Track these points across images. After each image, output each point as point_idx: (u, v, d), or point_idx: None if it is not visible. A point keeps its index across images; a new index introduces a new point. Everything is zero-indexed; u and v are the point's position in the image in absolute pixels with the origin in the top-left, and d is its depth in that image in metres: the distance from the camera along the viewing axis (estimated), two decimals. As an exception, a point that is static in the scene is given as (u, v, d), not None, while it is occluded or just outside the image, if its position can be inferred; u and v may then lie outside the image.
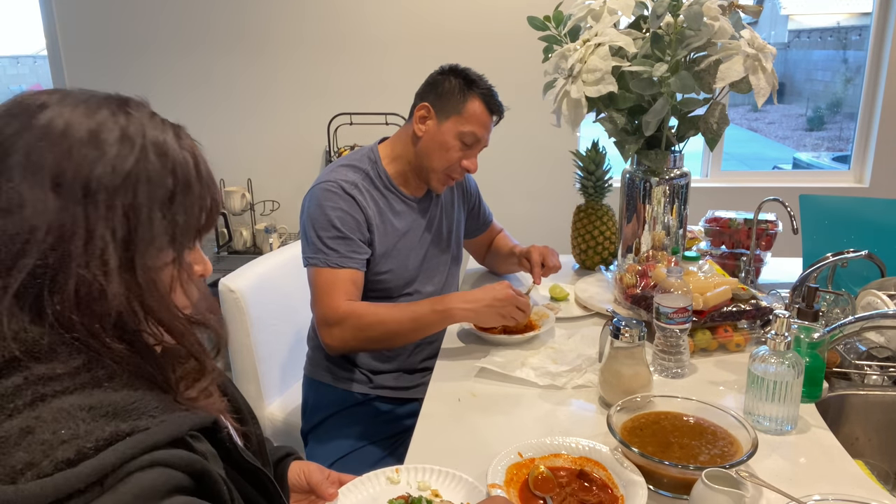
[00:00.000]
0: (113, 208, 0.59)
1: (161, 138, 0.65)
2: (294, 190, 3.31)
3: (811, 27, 6.52)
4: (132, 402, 0.58)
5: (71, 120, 0.60)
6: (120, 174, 0.60)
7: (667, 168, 1.58)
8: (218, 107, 3.24)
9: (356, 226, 1.49)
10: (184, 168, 0.65)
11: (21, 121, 0.60)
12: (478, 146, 1.56)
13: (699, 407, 1.05)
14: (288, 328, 1.86)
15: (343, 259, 1.46)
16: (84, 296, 0.58)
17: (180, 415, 0.60)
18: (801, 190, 2.16)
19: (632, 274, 1.49)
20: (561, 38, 1.60)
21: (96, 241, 0.59)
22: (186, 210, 0.65)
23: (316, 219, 1.48)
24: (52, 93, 0.63)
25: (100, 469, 0.52)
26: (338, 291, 1.43)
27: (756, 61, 1.40)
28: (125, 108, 0.64)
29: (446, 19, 3.08)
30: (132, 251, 0.61)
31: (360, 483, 0.98)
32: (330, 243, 1.46)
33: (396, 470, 0.98)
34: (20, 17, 3.82)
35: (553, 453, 1.00)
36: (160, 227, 0.62)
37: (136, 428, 0.56)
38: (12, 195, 0.57)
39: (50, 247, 0.57)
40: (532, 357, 1.36)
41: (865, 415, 1.22)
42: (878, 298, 1.30)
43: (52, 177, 0.58)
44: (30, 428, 0.53)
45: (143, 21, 3.18)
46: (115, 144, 0.61)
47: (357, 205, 1.50)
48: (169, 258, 0.64)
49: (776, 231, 1.77)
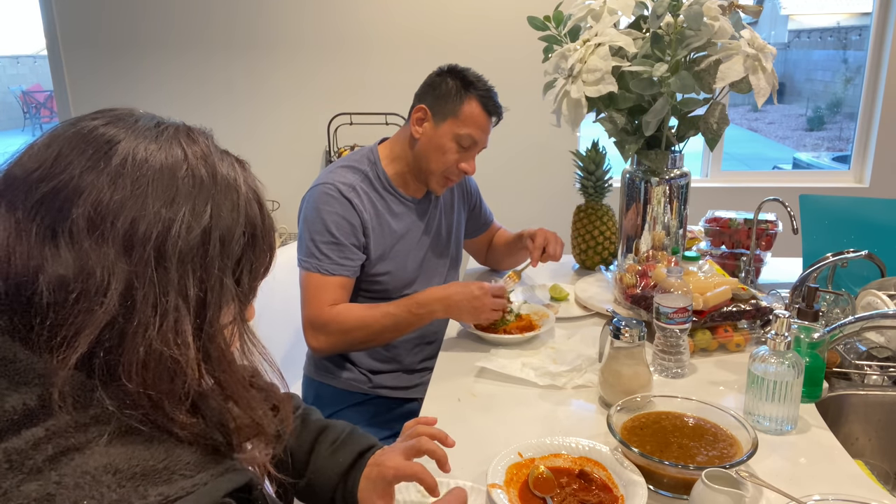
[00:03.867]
0: (186, 272, 0.54)
1: (233, 182, 0.59)
2: (294, 190, 3.31)
3: (811, 27, 6.52)
4: (162, 458, 0.52)
5: (147, 157, 0.54)
6: (196, 234, 0.54)
7: (667, 168, 1.58)
8: (218, 107, 3.24)
9: (351, 231, 1.49)
10: (252, 219, 0.60)
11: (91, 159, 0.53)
12: (475, 148, 1.56)
13: (699, 407, 1.05)
14: (288, 328, 1.86)
15: (334, 266, 1.47)
16: (153, 367, 0.52)
17: (215, 473, 0.54)
18: (801, 190, 2.16)
19: (632, 274, 1.49)
20: (561, 38, 1.60)
21: (169, 308, 0.52)
22: (253, 264, 0.61)
23: (312, 222, 1.49)
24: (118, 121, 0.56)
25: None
26: (325, 297, 1.46)
27: (756, 61, 1.40)
28: (194, 143, 0.58)
29: (446, 19, 3.08)
30: (203, 317, 0.55)
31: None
32: (323, 248, 1.47)
33: None
34: (20, 17, 3.83)
35: (553, 453, 1.00)
36: (230, 287, 0.57)
37: (166, 499, 0.50)
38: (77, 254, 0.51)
39: (114, 315, 0.51)
40: (532, 357, 1.36)
41: (865, 415, 1.22)
42: (878, 298, 1.30)
43: (123, 235, 0.52)
44: (49, 496, 0.47)
45: (144, 21, 3.18)
46: (189, 198, 0.55)
47: (353, 208, 1.50)
48: (231, 317, 0.59)
49: (776, 231, 1.77)
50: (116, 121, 0.57)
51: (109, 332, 0.51)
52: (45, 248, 0.51)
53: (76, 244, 0.51)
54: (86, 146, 0.54)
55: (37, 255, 0.51)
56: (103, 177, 0.52)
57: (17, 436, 0.48)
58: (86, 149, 0.53)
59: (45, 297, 0.50)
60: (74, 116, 0.58)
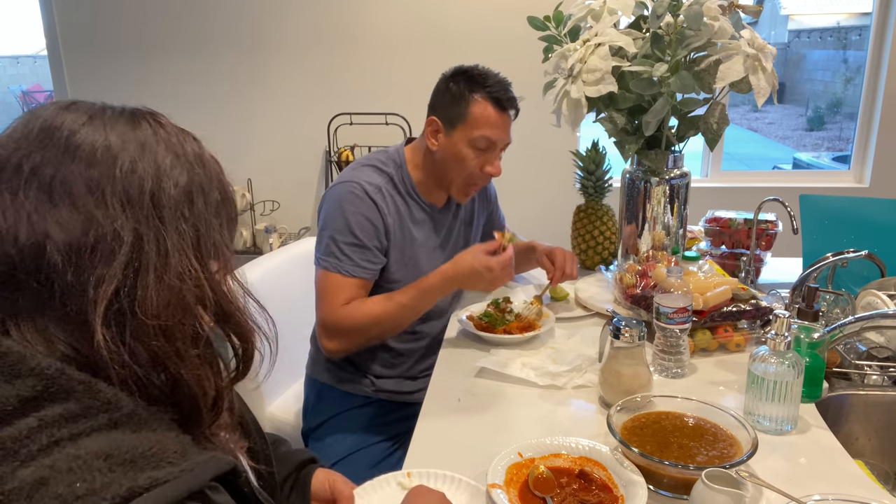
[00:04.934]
0: (180, 220, 0.61)
1: (196, 149, 0.66)
2: (294, 190, 3.32)
3: (811, 27, 6.53)
4: (150, 447, 0.55)
5: (111, 141, 0.60)
6: (181, 188, 0.61)
7: (667, 168, 1.58)
8: (218, 107, 3.24)
9: (374, 233, 1.46)
10: (223, 183, 0.67)
11: (58, 153, 0.58)
12: (495, 148, 1.49)
13: (699, 407, 1.05)
14: (288, 328, 1.86)
15: (355, 268, 1.44)
16: (168, 299, 0.58)
17: (200, 461, 0.57)
18: (801, 190, 2.16)
19: (632, 274, 1.49)
20: (561, 38, 1.60)
21: (174, 249, 0.59)
22: (228, 223, 0.67)
23: (334, 220, 1.45)
24: (67, 111, 0.61)
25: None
26: (340, 298, 1.43)
27: (756, 61, 1.40)
28: (156, 120, 0.65)
29: (446, 19, 3.08)
30: (202, 259, 0.62)
31: (372, 488, 0.97)
32: (345, 249, 1.43)
33: (408, 474, 0.98)
34: (20, 17, 3.82)
35: (553, 453, 1.00)
36: (217, 237, 0.64)
37: (155, 481, 0.52)
38: (84, 216, 0.56)
39: (128, 260, 0.57)
40: (532, 357, 1.36)
41: (865, 415, 1.22)
42: (878, 298, 1.30)
43: (120, 194, 0.58)
44: (44, 479, 0.49)
45: (144, 21, 3.18)
46: (168, 161, 0.62)
47: (378, 210, 1.46)
48: (222, 264, 0.66)
49: (776, 231, 1.77)
50: (65, 110, 0.62)
51: (126, 277, 0.57)
52: (47, 215, 0.56)
53: (79, 207, 0.57)
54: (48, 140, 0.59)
55: (40, 223, 0.56)
56: (81, 161, 0.58)
57: (10, 426, 0.50)
58: (49, 144, 0.59)
59: (59, 261, 0.55)
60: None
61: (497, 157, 1.52)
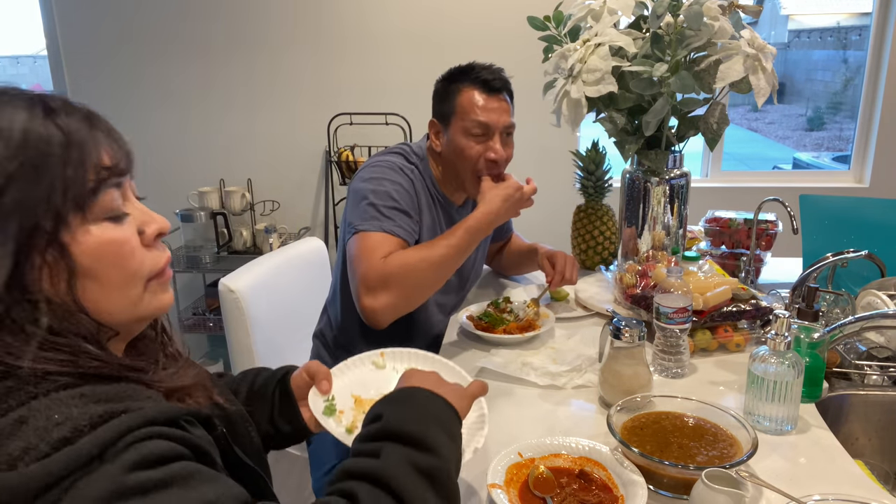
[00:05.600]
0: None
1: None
2: (294, 190, 3.31)
3: (811, 27, 6.52)
4: (124, 391, 0.59)
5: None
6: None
7: (667, 168, 1.58)
8: (218, 107, 3.24)
9: (412, 203, 1.47)
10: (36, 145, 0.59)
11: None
12: (493, 131, 1.49)
13: (699, 407, 1.05)
14: (288, 328, 1.86)
15: (397, 228, 1.41)
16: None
17: (174, 405, 0.61)
18: (801, 190, 2.16)
19: (632, 274, 1.49)
20: (561, 38, 1.60)
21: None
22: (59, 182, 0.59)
23: (373, 189, 1.43)
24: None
25: (99, 443, 0.52)
26: (383, 252, 1.35)
27: (756, 61, 1.40)
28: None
29: (446, 19, 3.08)
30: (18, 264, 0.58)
31: (347, 368, 1.02)
32: (387, 212, 1.41)
33: (381, 354, 1.02)
34: (20, 17, 3.82)
35: (553, 453, 1.00)
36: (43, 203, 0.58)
37: (131, 408, 0.56)
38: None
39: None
40: (532, 357, 1.36)
41: (865, 415, 1.22)
42: (878, 298, 1.30)
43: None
44: (23, 418, 0.53)
45: (143, 21, 3.18)
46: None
47: (414, 188, 1.49)
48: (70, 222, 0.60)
49: (776, 231, 1.77)
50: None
51: None
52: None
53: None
54: None
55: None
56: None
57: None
58: None
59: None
60: None
61: (497, 140, 1.50)
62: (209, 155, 3.25)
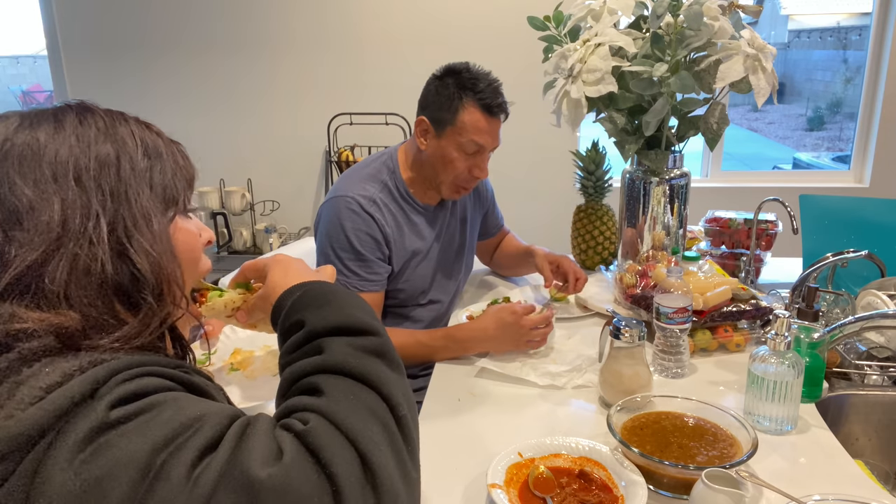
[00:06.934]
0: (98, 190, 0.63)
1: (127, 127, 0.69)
2: (294, 190, 3.32)
3: (811, 27, 6.52)
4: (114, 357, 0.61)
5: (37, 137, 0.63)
6: (100, 159, 0.64)
7: (667, 168, 1.58)
8: (218, 107, 3.24)
9: (375, 245, 1.46)
10: (153, 142, 0.70)
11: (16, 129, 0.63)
12: (484, 152, 1.50)
13: (699, 407, 1.05)
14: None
15: (363, 283, 1.45)
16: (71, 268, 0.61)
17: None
18: (801, 190, 2.16)
19: (632, 274, 1.49)
20: (561, 38, 1.60)
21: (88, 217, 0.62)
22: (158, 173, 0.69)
23: (335, 237, 1.45)
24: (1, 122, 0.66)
25: (91, 382, 0.53)
26: None
27: (756, 61, 1.40)
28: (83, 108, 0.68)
29: (446, 19, 3.08)
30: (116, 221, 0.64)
31: None
32: (350, 265, 1.44)
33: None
34: (20, 17, 3.82)
35: (553, 453, 1.00)
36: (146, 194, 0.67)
37: (118, 358, 0.58)
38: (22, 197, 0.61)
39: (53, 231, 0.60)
40: (532, 357, 1.36)
41: (865, 415, 1.22)
42: (878, 298, 1.30)
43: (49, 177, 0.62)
44: (19, 382, 0.54)
45: (143, 21, 3.18)
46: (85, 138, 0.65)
47: (376, 223, 1.46)
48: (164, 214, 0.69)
49: (776, 231, 1.77)
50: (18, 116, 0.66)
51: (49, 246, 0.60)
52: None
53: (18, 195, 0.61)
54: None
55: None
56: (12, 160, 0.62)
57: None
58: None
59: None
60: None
61: (485, 160, 1.53)
62: (209, 155, 3.26)
